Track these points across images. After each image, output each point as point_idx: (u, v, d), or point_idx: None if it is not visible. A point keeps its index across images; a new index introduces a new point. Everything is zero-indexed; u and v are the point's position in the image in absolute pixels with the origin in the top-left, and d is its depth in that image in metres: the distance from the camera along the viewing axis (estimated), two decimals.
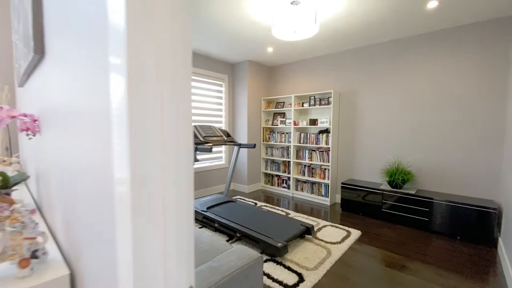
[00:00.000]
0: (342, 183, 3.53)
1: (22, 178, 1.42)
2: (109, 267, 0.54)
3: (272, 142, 4.64)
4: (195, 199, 3.45)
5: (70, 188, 0.85)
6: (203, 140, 2.99)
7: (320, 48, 3.75)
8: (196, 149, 2.79)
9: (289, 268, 2.04)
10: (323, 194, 3.97)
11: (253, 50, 3.83)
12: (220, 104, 4.51)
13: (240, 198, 4.13)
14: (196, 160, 3.01)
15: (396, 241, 2.60)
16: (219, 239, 1.70)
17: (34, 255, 0.88)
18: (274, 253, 2.15)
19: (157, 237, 0.45)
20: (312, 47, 3.70)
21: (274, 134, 4.64)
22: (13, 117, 1.30)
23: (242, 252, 1.44)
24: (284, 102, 4.56)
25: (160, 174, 0.44)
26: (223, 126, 4.57)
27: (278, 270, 2.01)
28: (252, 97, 4.54)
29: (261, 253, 2.30)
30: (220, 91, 4.49)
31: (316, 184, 4.06)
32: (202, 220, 2.85)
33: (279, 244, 2.15)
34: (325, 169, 3.94)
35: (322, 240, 2.56)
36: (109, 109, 0.46)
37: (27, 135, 1.33)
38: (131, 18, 0.38)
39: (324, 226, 2.92)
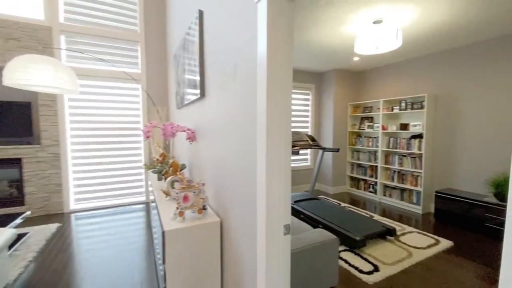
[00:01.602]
0: (436, 192, 3.32)
1: (184, 167, 2.32)
2: (248, 217, 1.14)
3: (359, 146, 4.72)
4: None
5: (220, 173, 1.53)
6: (291, 144, 3.55)
7: (410, 51, 3.64)
8: None
9: (365, 259, 2.30)
10: (414, 201, 3.80)
11: (339, 59, 4.11)
12: (307, 111, 4.97)
13: (324, 198, 4.45)
14: None
15: (496, 257, 2.36)
16: (304, 224, 2.18)
17: (204, 207, 1.63)
18: (352, 245, 2.45)
19: (276, 199, 1.01)
20: (402, 52, 3.65)
21: (361, 139, 4.71)
22: (184, 130, 2.18)
23: (322, 233, 1.88)
24: (372, 107, 4.57)
25: (278, 165, 1.00)
26: (309, 131, 5.00)
27: (355, 259, 2.31)
28: (338, 102, 4.77)
29: (340, 244, 2.62)
30: (307, 99, 4.95)
31: (407, 191, 3.91)
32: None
33: (357, 237, 2.43)
34: (417, 176, 3.76)
35: (404, 243, 2.63)
36: (255, 123, 1.05)
37: (189, 141, 2.20)
38: (269, 69, 0.94)
39: (410, 232, 2.91)
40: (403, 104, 3.96)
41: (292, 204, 3.43)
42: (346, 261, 2.28)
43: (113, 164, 3.86)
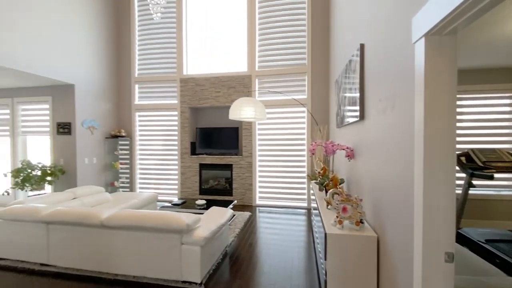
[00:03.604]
0: None
1: (342, 181, 2.56)
2: (404, 238, 1.23)
3: None
4: (470, 227, 3.18)
5: (376, 190, 1.66)
6: (482, 165, 2.80)
7: None
8: (471, 175, 2.73)
9: None
10: None
11: None
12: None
13: None
14: (471, 185, 2.88)
15: None
16: (495, 268, 1.74)
17: (361, 221, 1.81)
18: None
19: (435, 223, 1.06)
20: None
21: None
22: (343, 149, 2.45)
23: None
24: None
25: (437, 189, 1.06)
26: None
27: None
28: None
29: None
30: None
31: None
32: (475, 249, 2.67)
33: None
34: None
35: None
36: (412, 146, 1.16)
37: (348, 159, 2.44)
38: (427, 100, 1.05)
39: None
40: None
41: (481, 242, 2.67)
42: None
43: (283, 172, 4.82)
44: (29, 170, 4.23)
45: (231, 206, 3.77)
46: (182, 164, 5.19)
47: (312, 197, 3.31)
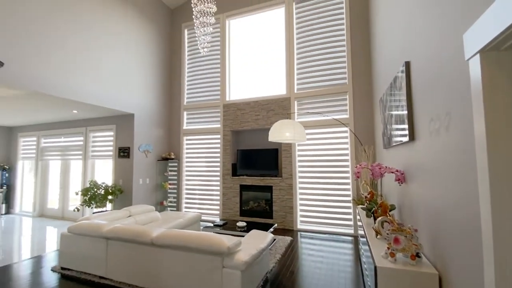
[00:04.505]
0: None
1: (393, 207, 2.34)
2: (473, 275, 1.06)
3: None
4: None
5: (434, 220, 1.47)
6: None
7: None
8: None
9: None
10: None
11: None
12: None
13: None
14: None
15: None
16: None
17: (418, 255, 1.61)
18: None
19: (509, 261, 0.90)
20: None
21: None
22: (392, 172, 2.26)
23: None
24: None
25: (509, 214, 0.90)
26: None
27: None
28: None
29: None
30: None
31: None
32: None
33: None
34: None
35: None
36: (474, 170, 1.02)
37: (398, 183, 2.24)
38: (488, 120, 0.92)
39: None
40: None
41: None
42: None
43: (326, 195, 4.60)
44: (95, 189, 4.83)
45: (271, 229, 3.70)
46: (224, 184, 5.36)
47: (359, 223, 3.06)
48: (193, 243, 2.24)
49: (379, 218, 2.01)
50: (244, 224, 3.82)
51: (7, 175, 6.64)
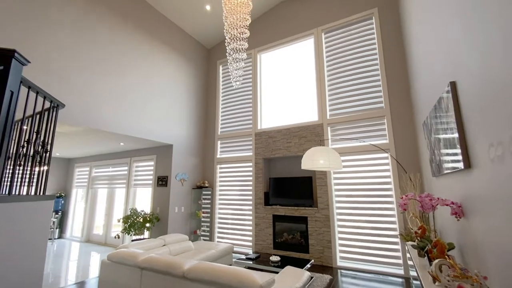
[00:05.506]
0: None
1: (452, 246, 2.00)
2: None
3: None
4: None
5: (510, 263, 1.19)
6: None
7: None
8: None
9: None
10: None
11: None
12: None
13: None
14: None
15: None
16: None
17: None
18: None
19: None
20: None
21: None
22: (446, 204, 1.98)
23: None
24: None
25: None
26: None
27: None
28: None
29: None
30: None
31: None
32: None
33: None
34: None
35: None
36: None
37: (456, 217, 1.93)
38: None
39: None
40: None
41: None
42: None
43: (368, 229, 4.16)
44: (135, 217, 5.06)
45: (308, 266, 3.40)
46: (256, 214, 5.21)
47: (410, 262, 2.65)
48: (224, 279, 2.14)
49: (436, 260, 1.71)
50: (278, 258, 3.59)
51: (62, 201, 7.38)
